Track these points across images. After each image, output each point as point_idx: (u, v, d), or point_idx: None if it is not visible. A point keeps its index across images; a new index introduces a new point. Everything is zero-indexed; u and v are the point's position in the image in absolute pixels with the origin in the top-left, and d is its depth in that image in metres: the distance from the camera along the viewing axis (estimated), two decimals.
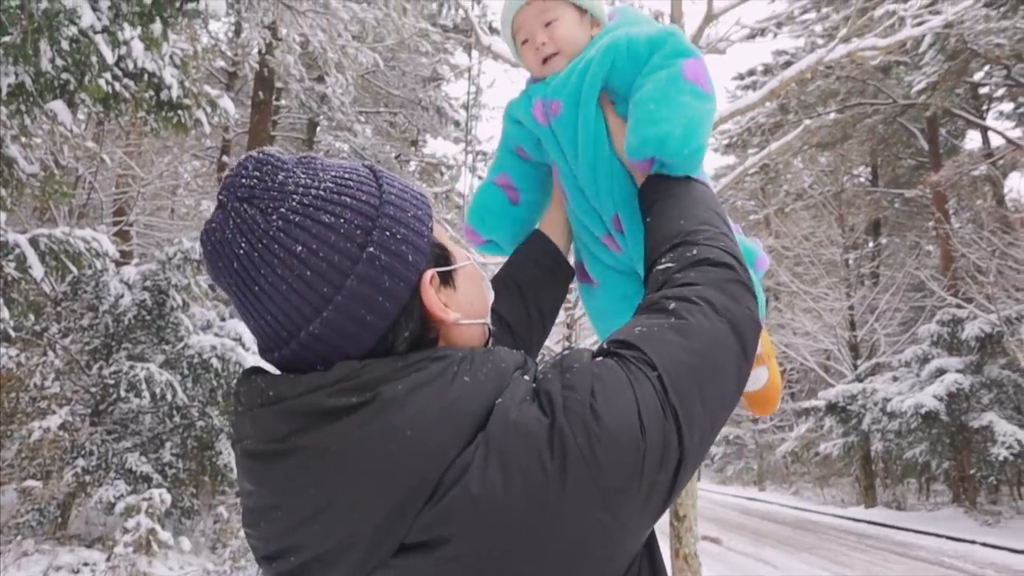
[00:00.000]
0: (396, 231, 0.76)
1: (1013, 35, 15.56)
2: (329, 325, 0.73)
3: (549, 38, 1.26)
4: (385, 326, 0.75)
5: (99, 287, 8.51)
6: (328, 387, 0.71)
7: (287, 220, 0.72)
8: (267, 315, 0.74)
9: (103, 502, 7.73)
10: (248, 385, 0.77)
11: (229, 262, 0.74)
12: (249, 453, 0.75)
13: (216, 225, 0.75)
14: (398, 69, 17.59)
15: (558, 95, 1.23)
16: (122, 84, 4.29)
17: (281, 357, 0.76)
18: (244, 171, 0.76)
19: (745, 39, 8.86)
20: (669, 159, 1.10)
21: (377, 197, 0.77)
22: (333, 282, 0.72)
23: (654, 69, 1.17)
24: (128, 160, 12.99)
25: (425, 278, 0.78)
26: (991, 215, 17.06)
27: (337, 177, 0.77)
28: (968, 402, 16.48)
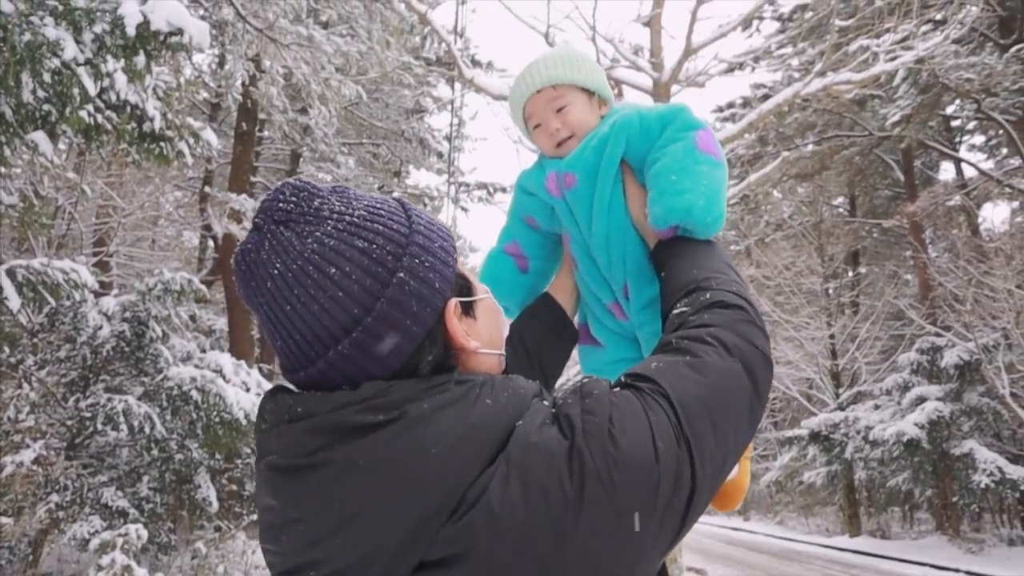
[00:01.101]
0: (424, 259, 0.79)
1: (981, 70, 15.98)
2: (358, 345, 0.75)
3: (562, 123, 1.31)
4: (411, 349, 0.77)
5: (77, 318, 8.41)
6: (356, 404, 0.73)
7: (322, 243, 0.75)
8: (296, 334, 0.76)
9: (77, 539, 7.54)
10: (275, 402, 0.79)
11: (263, 282, 0.76)
12: (274, 468, 0.76)
13: (252, 246, 0.78)
14: (381, 101, 17.71)
15: (573, 168, 1.28)
16: (104, 116, 4.29)
17: (307, 376, 0.78)
18: (281, 196, 0.79)
19: (723, 73, 9.04)
20: (694, 227, 1.16)
21: (407, 227, 0.81)
22: (364, 304, 0.75)
23: (668, 142, 1.22)
24: (109, 191, 12.93)
25: (449, 306, 0.81)
26: (966, 245, 17.35)
27: (369, 206, 0.80)
28: (949, 430, 16.59)
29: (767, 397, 0.93)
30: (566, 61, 1.34)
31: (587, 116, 1.32)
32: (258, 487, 0.80)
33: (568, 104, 1.31)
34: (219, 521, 9.36)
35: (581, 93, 1.33)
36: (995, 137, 23.05)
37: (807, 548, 19.92)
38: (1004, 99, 16.50)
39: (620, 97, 9.38)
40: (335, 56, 9.73)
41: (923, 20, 9.12)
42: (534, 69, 1.34)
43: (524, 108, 1.36)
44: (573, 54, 1.37)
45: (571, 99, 1.32)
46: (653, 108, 1.29)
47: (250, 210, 12.51)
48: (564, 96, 1.32)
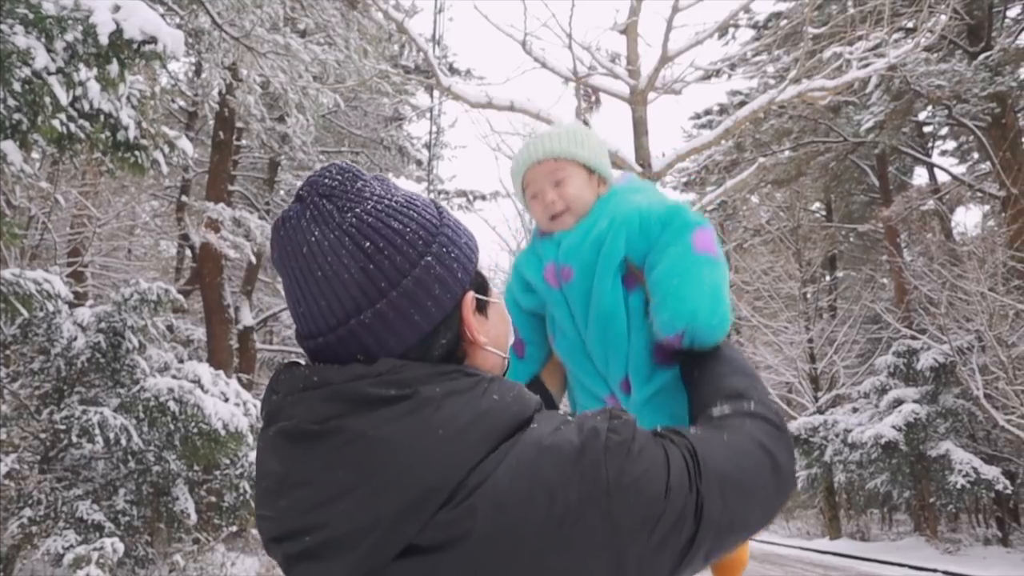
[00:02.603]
0: (451, 249, 0.85)
1: (952, 77, 16.28)
2: (380, 317, 0.79)
3: (559, 196, 1.32)
4: (428, 329, 0.81)
5: (51, 329, 8.28)
6: (372, 377, 0.76)
7: (360, 219, 0.80)
8: (323, 300, 0.80)
9: (51, 553, 7.41)
10: (290, 373, 0.82)
11: (299, 247, 0.80)
12: (285, 432, 0.78)
13: (293, 214, 0.82)
14: (360, 109, 17.68)
15: (570, 261, 1.29)
16: (77, 125, 4.24)
17: (325, 343, 0.81)
18: (328, 173, 0.85)
19: (700, 80, 9.13)
20: (699, 330, 1.15)
21: (438, 219, 0.87)
22: (391, 279, 0.79)
23: (667, 245, 1.23)
24: (84, 200, 12.78)
25: (467, 297, 0.86)
26: (940, 248, 17.60)
27: (407, 195, 0.86)
28: (925, 431, 16.79)
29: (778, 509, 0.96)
30: (570, 136, 1.36)
31: (584, 192, 1.34)
32: (262, 454, 0.82)
33: (566, 178, 1.33)
34: (197, 533, 9.24)
35: (581, 169, 1.34)
36: (966, 143, 23.48)
37: (788, 551, 20.06)
38: (974, 105, 16.82)
39: (597, 104, 9.45)
40: (313, 64, 9.71)
41: (894, 28, 9.28)
42: (538, 141, 1.36)
43: (523, 177, 1.38)
44: (578, 130, 1.39)
45: (570, 173, 1.33)
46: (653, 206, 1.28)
47: (228, 219, 12.42)
48: (563, 169, 1.33)
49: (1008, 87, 16.62)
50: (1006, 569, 13.96)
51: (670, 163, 7.44)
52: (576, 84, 7.47)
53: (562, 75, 7.80)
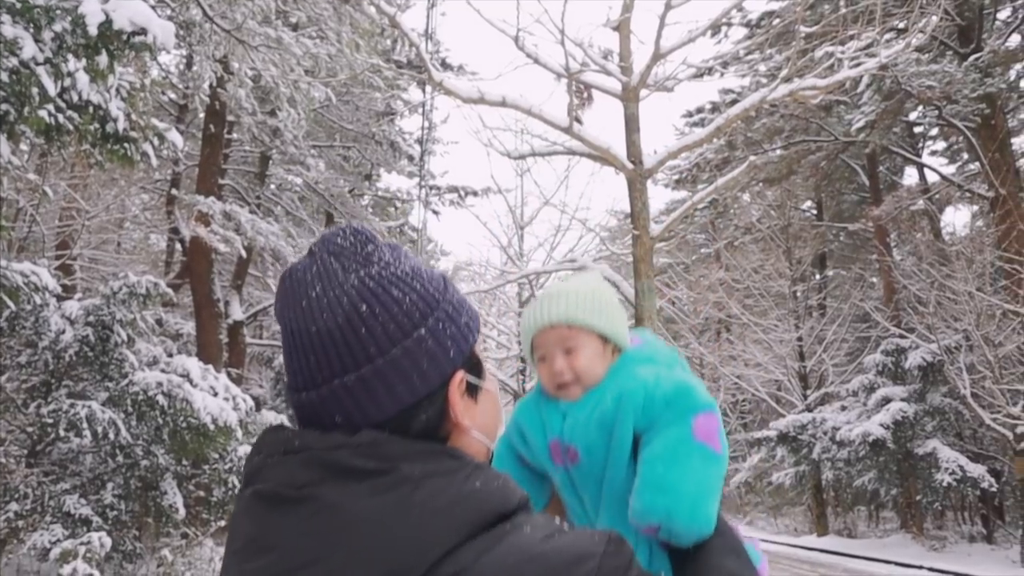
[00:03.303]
0: (448, 326, 0.83)
1: (942, 78, 16.37)
2: (363, 382, 0.78)
3: (568, 366, 1.25)
4: (410, 402, 0.80)
5: (39, 322, 8.23)
6: (352, 448, 0.75)
7: (363, 282, 0.80)
8: (312, 355, 0.79)
9: (37, 548, 7.37)
10: (275, 435, 0.81)
11: (299, 300, 0.81)
12: (260, 495, 0.77)
13: (300, 267, 0.83)
14: (351, 103, 17.61)
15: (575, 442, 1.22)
16: (65, 116, 4.20)
17: (307, 399, 0.81)
18: (341, 233, 0.85)
19: (692, 78, 9.14)
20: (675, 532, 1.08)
21: (441, 294, 0.85)
22: (381, 346, 0.78)
23: (666, 424, 1.16)
24: (72, 193, 12.70)
25: (456, 377, 0.84)
26: (929, 248, 17.72)
27: (415, 267, 0.85)
28: (913, 430, 16.92)
29: None
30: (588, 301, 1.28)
31: (595, 364, 1.26)
32: (236, 515, 0.81)
33: (579, 348, 1.25)
34: (186, 528, 9.21)
35: (596, 339, 1.26)
36: (956, 143, 23.61)
37: (776, 548, 20.16)
38: (964, 106, 16.92)
39: (590, 100, 9.44)
40: (304, 58, 9.66)
41: (885, 28, 9.32)
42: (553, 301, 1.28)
43: (533, 338, 1.30)
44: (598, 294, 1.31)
45: (583, 343, 1.25)
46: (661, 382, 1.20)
47: (218, 213, 12.36)
48: (577, 338, 1.25)
49: (998, 88, 16.73)
50: (991, 566, 14.09)
51: (661, 160, 7.45)
52: (568, 80, 7.46)
53: (554, 71, 7.79)
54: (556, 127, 7.45)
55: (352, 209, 18.56)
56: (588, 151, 7.65)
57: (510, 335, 18.78)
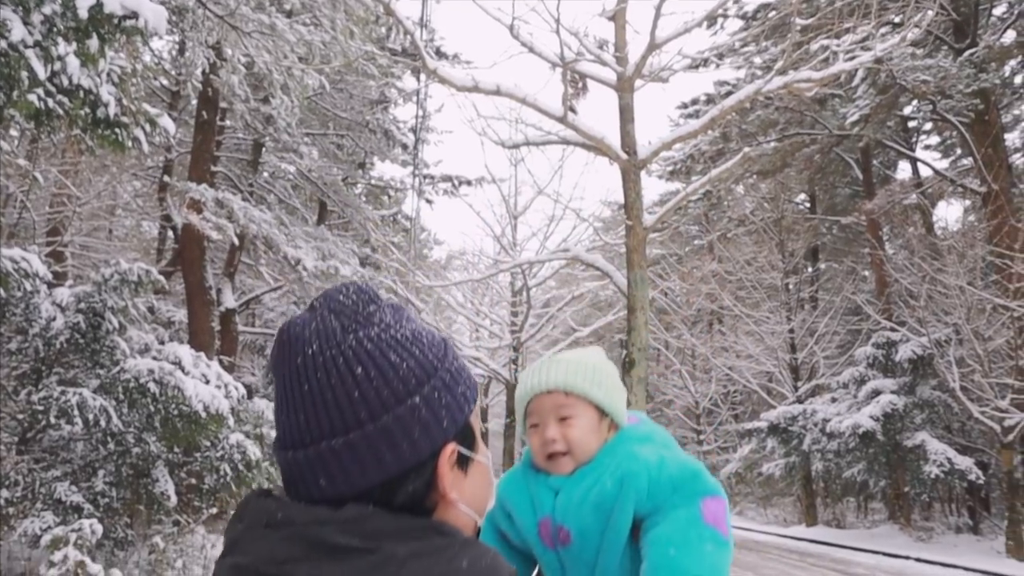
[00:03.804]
0: (443, 396, 0.81)
1: (937, 73, 16.39)
2: (350, 447, 0.76)
3: (561, 436, 1.20)
4: (397, 472, 0.77)
5: (29, 309, 8.18)
6: (336, 524, 0.73)
7: (360, 343, 0.78)
8: (301, 414, 0.78)
9: (28, 535, 7.36)
10: (257, 504, 0.79)
11: (294, 356, 0.79)
12: (239, 569, 0.76)
13: (300, 322, 0.82)
14: (345, 91, 17.51)
15: (568, 523, 1.16)
16: (55, 100, 4.16)
17: (294, 458, 0.79)
18: (344, 291, 0.84)
19: (687, 69, 9.13)
20: None
21: (440, 361, 0.83)
22: (372, 412, 0.76)
23: (674, 507, 1.13)
24: (64, 179, 12.61)
25: (447, 448, 0.81)
26: (921, 242, 17.80)
27: (416, 330, 0.83)
28: (902, 422, 17.04)
29: None
30: (588, 371, 1.24)
31: (590, 438, 1.21)
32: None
33: (574, 418, 1.20)
34: (178, 515, 9.21)
35: (593, 411, 1.22)
36: (950, 138, 23.68)
37: (765, 538, 20.32)
38: (958, 101, 16.95)
39: (584, 90, 9.42)
40: (298, 45, 9.60)
41: (881, 22, 9.32)
42: (552, 367, 1.25)
43: (528, 403, 1.26)
44: (599, 365, 1.27)
45: (579, 413, 1.21)
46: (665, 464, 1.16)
47: (211, 200, 12.30)
48: (574, 407, 1.21)
49: (992, 84, 16.77)
50: (976, 557, 14.23)
51: (655, 151, 7.45)
52: (563, 70, 7.44)
53: (549, 60, 7.76)
54: (550, 116, 7.43)
55: (345, 198, 18.49)
56: (582, 141, 7.63)
57: (502, 324, 18.78)
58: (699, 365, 30.35)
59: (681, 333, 28.29)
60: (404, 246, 20.13)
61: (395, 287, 16.72)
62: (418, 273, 17.03)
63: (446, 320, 21.25)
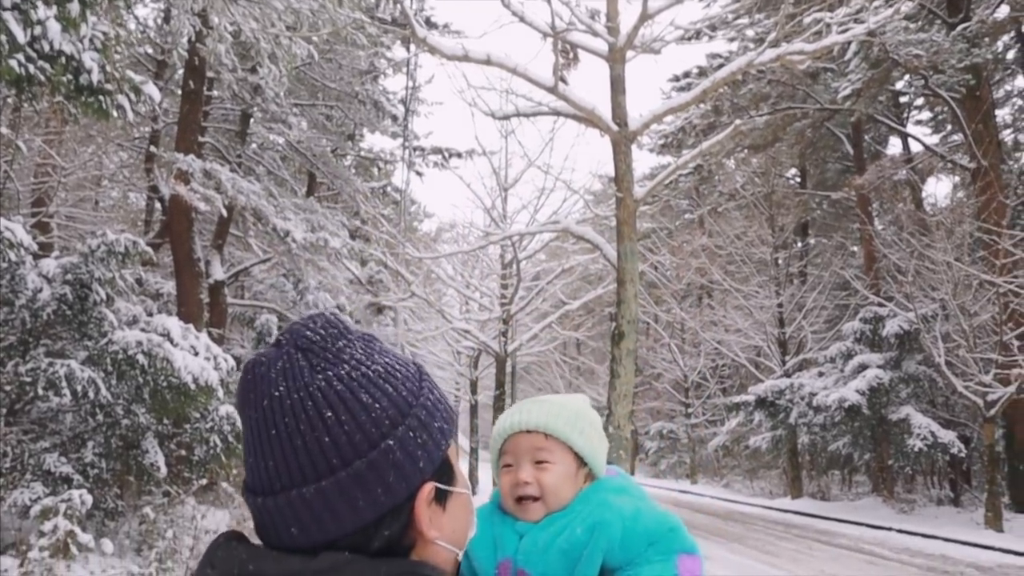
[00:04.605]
0: (419, 435, 0.78)
1: (930, 47, 16.32)
2: (322, 495, 0.73)
3: (534, 479, 1.15)
4: (372, 517, 0.74)
5: (15, 280, 8.11)
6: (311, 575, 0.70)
7: (330, 384, 0.75)
8: (271, 460, 0.74)
9: (18, 505, 7.38)
10: (228, 552, 0.76)
11: (261, 398, 0.75)
12: None
13: (265, 360, 0.78)
14: (334, 62, 17.29)
15: (529, 567, 1.11)
16: (37, 67, 4.07)
17: (263, 504, 0.76)
18: (312, 324, 0.80)
19: (680, 40, 9.05)
20: None
21: (415, 396, 0.80)
22: (344, 458, 0.73)
23: (649, 561, 1.09)
24: (48, 149, 12.44)
25: (425, 488, 0.78)
26: (910, 218, 17.86)
27: (389, 364, 0.80)
28: (888, 396, 17.24)
29: None
30: (572, 416, 1.20)
31: (564, 486, 1.16)
32: None
33: (551, 463, 1.16)
34: (168, 486, 9.24)
35: (571, 458, 1.18)
36: (941, 113, 23.67)
37: (751, 509, 20.61)
38: (950, 76, 16.91)
39: (576, 61, 9.33)
40: (285, 13, 9.44)
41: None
42: (534, 407, 1.21)
43: (504, 441, 1.21)
44: (583, 413, 1.23)
45: (557, 459, 1.16)
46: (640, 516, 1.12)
47: (198, 171, 12.17)
48: (552, 450, 1.17)
49: (984, 59, 16.72)
50: (956, 528, 14.51)
51: (647, 122, 7.41)
52: (554, 40, 7.36)
53: (540, 30, 7.68)
54: (541, 87, 7.37)
55: (335, 169, 18.34)
56: (573, 112, 7.58)
57: (492, 297, 18.79)
58: (688, 339, 30.54)
59: (671, 307, 28.41)
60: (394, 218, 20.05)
61: (385, 259, 16.67)
62: (408, 245, 16.96)
63: (436, 292, 21.24)
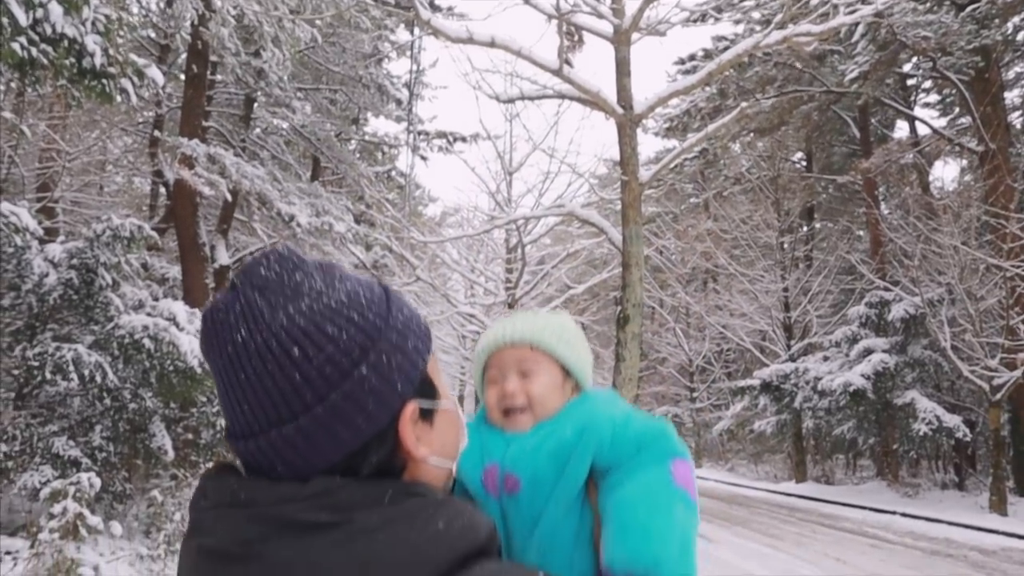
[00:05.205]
0: (393, 357, 0.76)
1: (938, 29, 16.15)
2: (302, 432, 0.72)
3: (522, 389, 1.13)
4: (357, 445, 0.74)
5: (21, 265, 8.13)
6: (303, 500, 0.70)
7: (292, 320, 0.72)
8: (245, 404, 0.73)
9: (27, 488, 7.44)
10: (219, 482, 0.76)
11: (224, 345, 0.73)
12: (207, 550, 0.73)
13: (223, 306, 0.75)
14: (338, 45, 17.19)
15: (518, 470, 1.09)
16: (39, 50, 4.05)
17: (245, 447, 0.75)
18: (265, 262, 0.77)
19: (685, 22, 8.98)
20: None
21: (384, 320, 0.77)
22: (318, 392, 0.72)
23: (640, 466, 1.06)
24: (52, 134, 12.43)
25: (407, 409, 0.77)
26: (917, 202, 17.75)
27: (351, 291, 0.77)
28: (893, 380, 17.23)
29: None
30: (556, 328, 1.19)
31: (552, 395, 1.14)
32: (182, 563, 0.76)
33: (537, 372, 1.14)
34: (175, 469, 9.31)
35: (557, 369, 1.16)
36: (949, 96, 23.45)
37: (755, 493, 20.69)
38: (958, 58, 16.74)
39: (580, 43, 9.27)
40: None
41: None
42: (519, 321, 1.19)
43: (488, 356, 1.18)
44: (567, 326, 1.21)
45: (543, 369, 1.14)
46: (630, 421, 1.10)
47: (202, 156, 12.15)
48: (538, 362, 1.15)
49: (993, 41, 16.54)
50: (960, 512, 14.54)
51: (652, 105, 7.36)
52: (559, 21, 7.30)
53: (545, 12, 7.61)
54: (546, 69, 7.32)
55: (339, 154, 18.29)
56: (578, 95, 7.54)
57: (497, 281, 18.80)
58: (693, 323, 30.53)
59: (676, 291, 28.38)
60: (399, 203, 20.00)
61: (390, 244, 16.66)
62: (413, 230, 16.96)
63: (441, 277, 21.26)
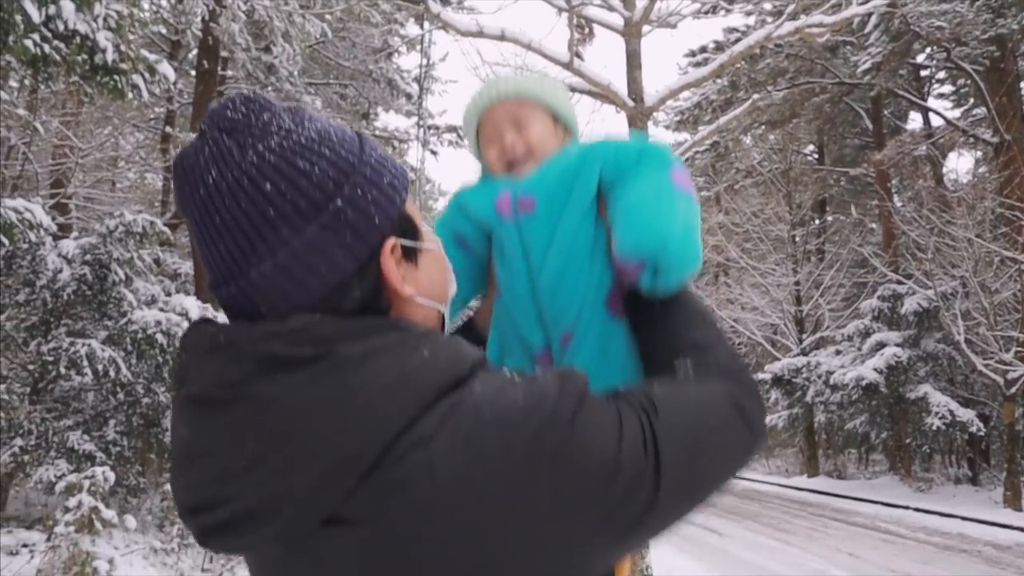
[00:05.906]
0: (368, 191, 0.76)
1: (952, 18, 15.99)
2: (280, 268, 0.72)
3: (520, 139, 1.18)
4: (337, 280, 0.74)
5: (35, 261, 8.20)
6: (283, 336, 0.69)
7: (262, 157, 0.72)
8: (222, 246, 0.73)
9: (43, 482, 7.52)
10: (197, 333, 0.76)
11: (196, 188, 0.73)
12: (192, 398, 0.73)
13: (191, 151, 0.75)
14: (348, 40, 17.22)
15: (532, 192, 1.13)
16: (52, 46, 4.07)
17: (229, 294, 0.75)
18: (231, 105, 0.76)
19: (696, 14, 8.91)
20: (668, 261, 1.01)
21: (357, 156, 0.77)
22: (294, 226, 0.71)
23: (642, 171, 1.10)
24: (65, 130, 12.50)
25: (387, 244, 0.77)
26: (931, 194, 17.59)
27: (322, 130, 0.77)
28: (906, 374, 17.10)
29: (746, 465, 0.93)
30: (537, 80, 1.23)
31: (548, 140, 1.19)
32: (174, 419, 0.76)
33: (530, 121, 1.19)
34: None
35: (547, 115, 1.21)
36: (963, 86, 23.21)
37: (767, 488, 20.63)
38: (973, 48, 16.58)
39: (591, 36, 9.23)
40: None
41: None
42: (500, 80, 1.22)
43: (480, 118, 1.22)
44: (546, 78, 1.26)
45: (535, 118, 1.19)
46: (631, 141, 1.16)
47: None
48: (529, 113, 1.19)
49: (1010, 30, 16.36)
50: (974, 507, 14.44)
51: (663, 98, 7.31)
52: (569, 14, 7.26)
53: (555, 5, 7.57)
54: (556, 62, 7.29)
55: None
56: (589, 88, 7.49)
57: None
58: None
59: None
60: None
61: None
62: None
63: None
